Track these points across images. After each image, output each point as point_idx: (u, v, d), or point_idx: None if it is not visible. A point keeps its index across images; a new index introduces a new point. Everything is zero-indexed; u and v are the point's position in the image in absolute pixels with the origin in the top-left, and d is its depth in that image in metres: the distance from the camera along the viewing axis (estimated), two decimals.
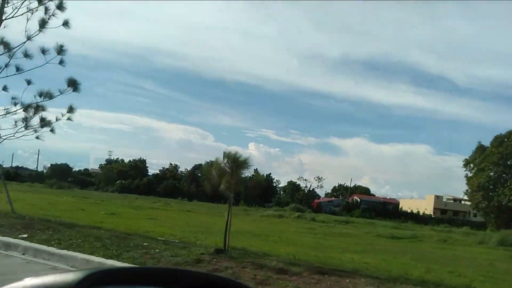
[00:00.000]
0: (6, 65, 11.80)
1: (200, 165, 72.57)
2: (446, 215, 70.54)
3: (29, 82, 11.92)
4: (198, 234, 13.27)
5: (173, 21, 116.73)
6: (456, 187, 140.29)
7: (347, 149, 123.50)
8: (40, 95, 11.94)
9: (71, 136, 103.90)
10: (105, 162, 74.13)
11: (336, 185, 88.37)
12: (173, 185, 66.59)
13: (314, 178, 77.58)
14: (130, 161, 72.13)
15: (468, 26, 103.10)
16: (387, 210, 70.25)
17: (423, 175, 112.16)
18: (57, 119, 12.57)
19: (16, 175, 53.55)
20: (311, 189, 76.50)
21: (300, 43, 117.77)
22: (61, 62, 12.06)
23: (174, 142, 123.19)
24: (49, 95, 12.06)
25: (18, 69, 11.97)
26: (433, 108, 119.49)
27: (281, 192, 79.70)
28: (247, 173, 8.14)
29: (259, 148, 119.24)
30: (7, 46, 11.82)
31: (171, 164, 76.81)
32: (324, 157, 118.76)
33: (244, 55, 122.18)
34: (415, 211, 70.11)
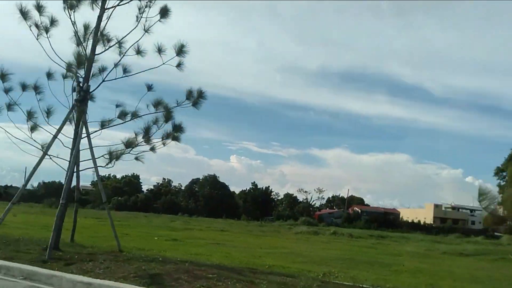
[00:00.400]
0: (116, 65, 9.55)
1: (198, 179, 69.72)
2: (446, 223, 70.51)
3: (149, 88, 9.66)
4: (327, 267, 11.41)
5: (152, 34, 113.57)
6: (437, 194, 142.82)
7: (328, 160, 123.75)
8: (155, 104, 9.69)
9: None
10: (96, 179, 69.80)
11: (330, 196, 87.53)
12: (171, 200, 63.51)
13: (315, 190, 76.38)
14: (123, 177, 68.54)
15: (442, 37, 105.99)
16: (389, 220, 69.48)
17: (404, 183, 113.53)
18: (162, 138, 10.24)
19: (6, 194, 49.21)
20: (312, 201, 75.09)
21: (279, 56, 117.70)
22: (179, 65, 9.89)
23: (155, 157, 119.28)
24: (164, 106, 9.84)
25: (125, 70, 9.73)
26: (411, 118, 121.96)
27: (279, 205, 77.87)
28: None
29: (241, 160, 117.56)
30: (109, 41, 9.59)
31: (164, 179, 73.78)
32: (306, 168, 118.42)
33: (224, 68, 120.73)
34: (415, 220, 69.84)
